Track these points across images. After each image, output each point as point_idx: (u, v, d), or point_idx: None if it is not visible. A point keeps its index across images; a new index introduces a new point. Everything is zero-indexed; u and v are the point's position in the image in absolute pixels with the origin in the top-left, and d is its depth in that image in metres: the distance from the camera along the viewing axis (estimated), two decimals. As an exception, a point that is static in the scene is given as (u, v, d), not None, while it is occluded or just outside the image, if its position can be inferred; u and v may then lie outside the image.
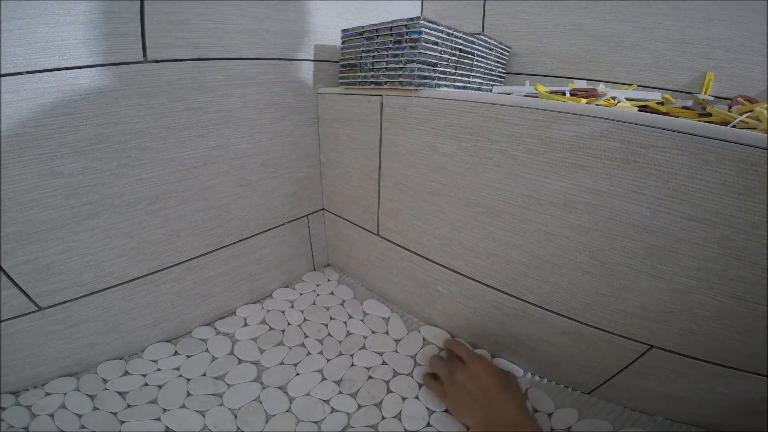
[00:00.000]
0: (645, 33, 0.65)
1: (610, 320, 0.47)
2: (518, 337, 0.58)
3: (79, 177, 0.47)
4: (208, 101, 0.55)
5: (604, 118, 0.39)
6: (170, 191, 0.56)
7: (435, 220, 0.59)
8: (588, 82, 0.67)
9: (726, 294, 0.38)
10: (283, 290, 0.79)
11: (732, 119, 0.49)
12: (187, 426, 0.50)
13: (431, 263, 0.64)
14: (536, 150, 0.44)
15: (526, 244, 0.50)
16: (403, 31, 0.52)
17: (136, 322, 0.59)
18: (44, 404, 0.50)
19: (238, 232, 0.67)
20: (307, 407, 0.53)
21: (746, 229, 0.35)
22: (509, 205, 0.49)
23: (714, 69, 0.61)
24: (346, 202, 0.75)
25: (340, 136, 0.69)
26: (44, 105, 0.42)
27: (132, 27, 0.46)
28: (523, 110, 0.44)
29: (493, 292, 0.57)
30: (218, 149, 0.59)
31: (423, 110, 0.53)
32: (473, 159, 0.50)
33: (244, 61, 0.57)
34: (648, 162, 0.37)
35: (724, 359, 0.43)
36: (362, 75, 0.60)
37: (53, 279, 0.49)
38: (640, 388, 0.51)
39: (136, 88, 0.48)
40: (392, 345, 0.65)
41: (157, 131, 0.52)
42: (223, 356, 0.61)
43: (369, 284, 0.80)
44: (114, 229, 0.52)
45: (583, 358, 0.53)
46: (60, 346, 0.53)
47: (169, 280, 0.61)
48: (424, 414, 0.53)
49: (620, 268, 0.43)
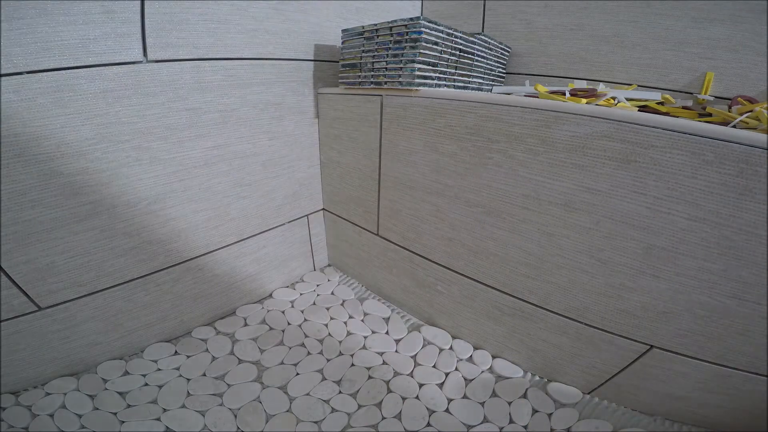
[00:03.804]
0: (645, 33, 0.65)
1: (610, 320, 0.47)
2: (518, 337, 0.58)
3: (79, 177, 0.47)
4: (208, 101, 0.55)
5: (604, 118, 0.39)
6: (170, 191, 0.56)
7: (435, 220, 0.59)
8: (588, 82, 0.67)
9: (726, 294, 0.38)
10: (283, 290, 0.79)
11: (732, 119, 0.49)
12: (187, 426, 0.50)
13: (431, 263, 0.63)
14: (536, 150, 0.44)
15: (526, 244, 0.50)
16: (403, 31, 0.52)
17: (136, 322, 0.59)
18: (44, 404, 0.50)
19: (238, 232, 0.67)
20: (307, 407, 0.53)
21: (746, 229, 0.35)
22: (509, 205, 0.49)
23: (714, 69, 0.61)
24: (346, 202, 0.75)
25: (340, 136, 0.69)
26: (44, 105, 0.42)
27: (132, 27, 0.46)
28: (523, 110, 0.44)
29: (493, 292, 0.57)
30: (218, 149, 0.59)
31: (423, 110, 0.53)
32: (473, 159, 0.50)
33: (244, 61, 0.57)
34: (648, 162, 0.37)
35: (724, 359, 0.43)
36: (362, 75, 0.60)
37: (53, 279, 0.49)
38: (640, 388, 0.51)
39: (136, 88, 0.48)
40: (392, 345, 0.65)
41: (157, 131, 0.52)
42: (223, 356, 0.61)
43: (369, 284, 0.80)
44: (114, 229, 0.52)
45: (583, 358, 0.53)
46: (60, 346, 0.53)
47: (169, 280, 0.61)
48: (424, 414, 0.53)
49: (620, 268, 0.43)
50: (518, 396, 0.55)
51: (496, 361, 0.62)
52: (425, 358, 0.62)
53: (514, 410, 0.53)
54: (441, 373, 0.59)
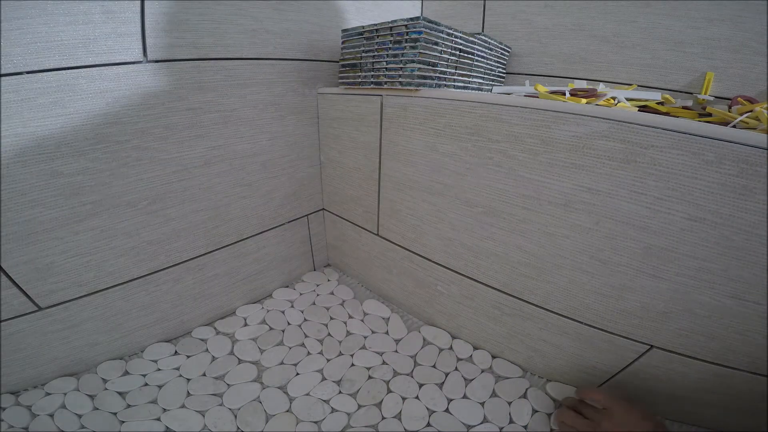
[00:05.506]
0: (645, 33, 0.65)
1: (610, 320, 0.47)
2: (518, 337, 0.58)
3: (79, 177, 0.47)
4: (208, 101, 0.55)
5: (604, 118, 0.39)
6: (170, 191, 0.56)
7: (435, 220, 0.59)
8: (588, 82, 0.67)
9: (726, 294, 0.38)
10: (283, 290, 0.79)
11: (732, 119, 0.49)
12: (187, 426, 0.50)
13: (431, 263, 0.63)
14: (536, 150, 0.44)
15: (527, 244, 0.50)
16: (403, 31, 0.52)
17: (136, 322, 0.59)
18: (44, 404, 0.50)
19: (238, 232, 0.67)
20: (307, 407, 0.53)
21: (746, 229, 0.35)
22: (509, 205, 0.49)
23: (714, 69, 0.61)
24: (346, 202, 0.75)
25: (340, 136, 0.69)
26: (45, 105, 0.42)
27: (132, 27, 0.46)
28: (523, 110, 0.44)
29: (494, 292, 0.57)
30: (218, 149, 0.59)
31: (423, 110, 0.53)
32: (473, 159, 0.50)
33: (244, 61, 0.57)
34: (648, 162, 0.37)
35: (724, 359, 0.43)
36: (362, 75, 0.60)
37: (53, 279, 0.49)
38: (640, 388, 0.51)
39: (136, 88, 0.48)
40: (392, 345, 0.65)
41: (157, 131, 0.52)
42: (223, 356, 0.61)
43: (369, 284, 0.80)
44: (114, 229, 0.52)
45: (583, 358, 0.53)
46: (60, 346, 0.53)
47: (169, 280, 0.61)
48: (424, 414, 0.53)
49: (620, 268, 0.43)
50: (518, 396, 0.55)
51: (496, 361, 0.62)
52: (425, 358, 0.62)
53: (514, 410, 0.53)
54: (441, 373, 0.59)
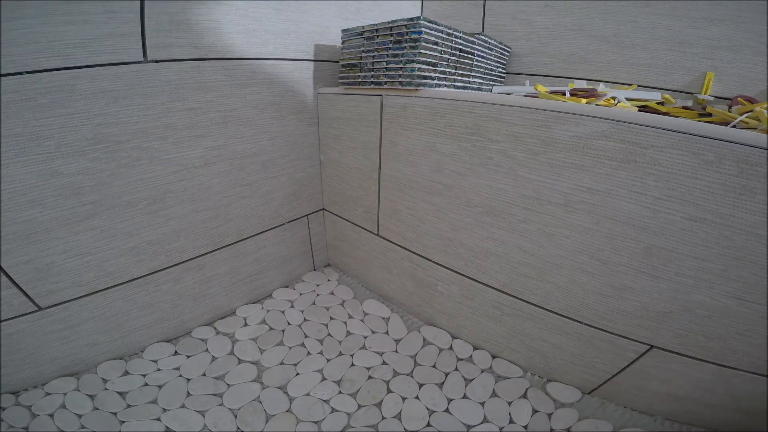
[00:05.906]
0: (645, 33, 0.65)
1: (610, 320, 0.47)
2: (518, 337, 0.58)
3: (79, 177, 0.47)
4: (208, 101, 0.55)
5: (604, 118, 0.39)
6: (170, 191, 0.56)
7: (435, 220, 0.59)
8: (588, 82, 0.67)
9: (726, 294, 0.38)
10: (283, 290, 0.79)
11: (732, 119, 0.49)
12: (187, 426, 0.50)
13: (431, 263, 0.63)
14: (536, 150, 0.44)
15: (526, 244, 0.50)
16: (403, 31, 0.52)
17: (136, 322, 0.59)
18: (44, 404, 0.50)
19: (238, 232, 0.67)
20: (307, 407, 0.53)
21: (746, 229, 0.35)
22: (509, 205, 0.49)
23: (714, 69, 0.61)
24: (346, 202, 0.75)
25: (340, 136, 0.69)
26: (44, 105, 0.42)
27: (132, 27, 0.46)
28: (523, 110, 0.44)
29: (493, 292, 0.57)
30: (218, 149, 0.59)
31: (423, 110, 0.53)
32: (473, 159, 0.50)
33: (244, 61, 0.57)
34: (648, 162, 0.37)
35: (724, 359, 0.43)
36: (362, 75, 0.60)
37: (53, 279, 0.49)
38: (640, 388, 0.51)
39: (136, 88, 0.48)
40: (392, 345, 0.65)
41: (157, 131, 0.52)
42: (223, 356, 0.61)
43: (369, 284, 0.80)
44: (114, 229, 0.52)
45: (583, 358, 0.53)
46: (60, 346, 0.53)
47: (168, 280, 0.61)
48: (424, 414, 0.53)
49: (620, 268, 0.43)
50: (518, 396, 0.55)
51: (496, 361, 0.62)
52: (425, 358, 0.62)
53: (514, 410, 0.53)
54: (441, 373, 0.59)
